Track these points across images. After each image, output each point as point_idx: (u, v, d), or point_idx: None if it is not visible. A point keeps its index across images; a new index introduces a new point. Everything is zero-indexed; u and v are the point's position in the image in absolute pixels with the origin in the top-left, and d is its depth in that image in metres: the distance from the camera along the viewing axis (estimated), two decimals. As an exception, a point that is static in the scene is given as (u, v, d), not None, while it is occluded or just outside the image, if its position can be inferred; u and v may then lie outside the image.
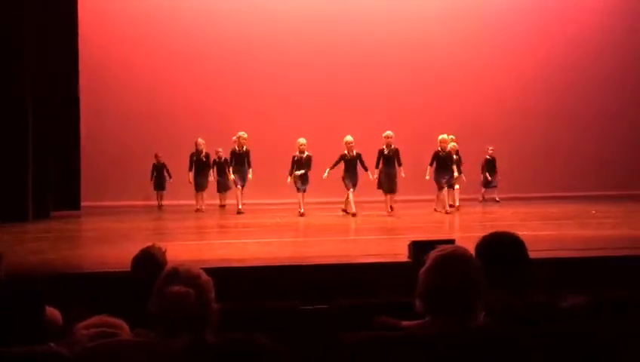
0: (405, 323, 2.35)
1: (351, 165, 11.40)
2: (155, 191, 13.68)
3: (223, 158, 12.92)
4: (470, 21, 14.82)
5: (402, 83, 14.42)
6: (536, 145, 14.75)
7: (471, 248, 2.51)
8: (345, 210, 11.46)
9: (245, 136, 11.96)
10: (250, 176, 11.96)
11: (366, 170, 11.44)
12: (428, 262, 2.35)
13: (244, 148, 11.96)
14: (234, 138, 12.01)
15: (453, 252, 2.37)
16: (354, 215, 11.03)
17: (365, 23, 14.46)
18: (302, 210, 11.38)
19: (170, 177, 13.55)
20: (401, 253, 5.80)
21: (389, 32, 14.47)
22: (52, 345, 2.75)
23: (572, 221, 9.78)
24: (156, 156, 13.53)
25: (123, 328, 2.62)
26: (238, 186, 11.99)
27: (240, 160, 11.97)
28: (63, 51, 11.94)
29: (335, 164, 11.49)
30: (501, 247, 2.50)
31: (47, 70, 11.52)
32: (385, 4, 14.60)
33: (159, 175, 13.57)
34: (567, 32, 15.05)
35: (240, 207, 11.83)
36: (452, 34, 14.72)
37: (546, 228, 8.70)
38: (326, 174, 11.40)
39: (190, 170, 12.71)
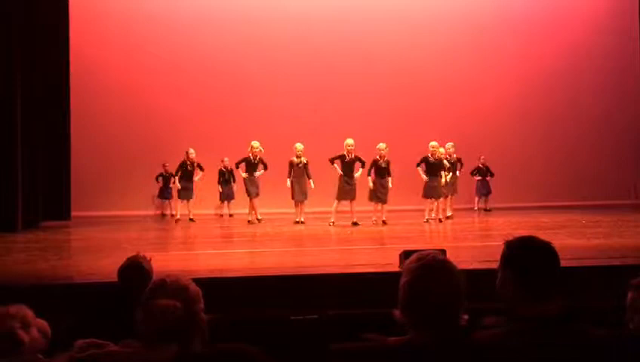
0: (391, 339, 2.29)
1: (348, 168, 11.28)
2: (163, 201, 13.63)
3: (229, 168, 12.85)
4: (463, 30, 14.83)
5: (395, 91, 14.41)
6: (529, 155, 14.77)
7: (463, 258, 2.47)
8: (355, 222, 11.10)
9: (257, 145, 11.85)
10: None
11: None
12: (408, 273, 2.24)
13: (258, 158, 11.88)
14: (248, 149, 11.93)
15: (433, 260, 2.25)
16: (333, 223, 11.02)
17: (359, 29, 14.43)
18: (300, 219, 11.45)
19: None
20: (392, 263, 5.79)
21: (383, 40, 14.46)
22: (40, 356, 2.74)
23: (563, 230, 9.79)
24: (164, 166, 13.38)
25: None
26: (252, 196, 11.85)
27: (253, 169, 11.90)
28: (53, 61, 11.91)
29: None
30: (532, 255, 2.35)
31: (37, 79, 11.47)
32: (381, 11, 14.60)
33: (166, 184, 13.47)
34: (561, 40, 15.05)
35: (259, 217, 11.86)
36: (446, 42, 14.71)
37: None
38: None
39: (175, 175, 12.58)
